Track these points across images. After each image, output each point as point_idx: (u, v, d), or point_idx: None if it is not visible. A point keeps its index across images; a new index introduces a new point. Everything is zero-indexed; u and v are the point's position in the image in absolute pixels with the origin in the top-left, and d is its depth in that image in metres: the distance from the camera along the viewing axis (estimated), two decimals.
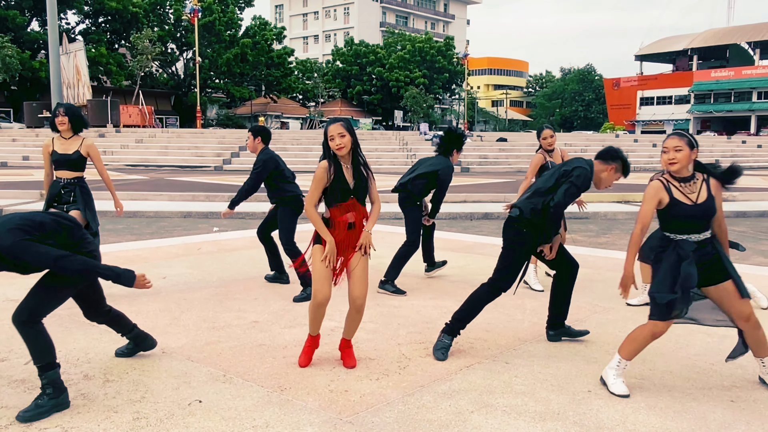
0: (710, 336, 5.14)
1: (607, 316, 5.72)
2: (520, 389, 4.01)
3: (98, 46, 49.70)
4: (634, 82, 79.79)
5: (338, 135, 3.97)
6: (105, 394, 3.85)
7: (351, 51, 69.80)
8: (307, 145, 30.77)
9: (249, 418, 3.54)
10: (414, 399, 3.84)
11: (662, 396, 3.93)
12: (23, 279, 6.82)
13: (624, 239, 10.51)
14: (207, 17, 53.29)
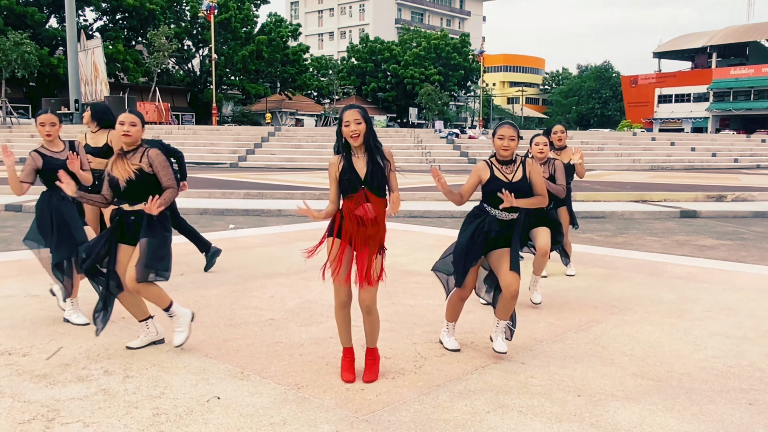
0: (728, 338, 5.13)
1: (623, 317, 5.70)
2: (536, 390, 4.02)
3: (115, 43, 50.03)
4: (652, 79, 79.13)
5: (354, 121, 3.84)
6: (125, 390, 3.91)
7: (366, 48, 69.73)
8: (321, 143, 30.70)
9: (267, 416, 3.58)
10: (430, 398, 3.86)
11: (679, 398, 3.92)
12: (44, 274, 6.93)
13: (641, 239, 10.48)
14: (223, 14, 53.46)
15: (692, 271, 7.61)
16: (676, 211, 13.60)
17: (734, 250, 9.52)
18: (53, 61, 46.46)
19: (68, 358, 4.45)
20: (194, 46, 57.64)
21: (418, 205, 13.69)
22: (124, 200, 4.44)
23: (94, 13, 51.84)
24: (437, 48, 69.06)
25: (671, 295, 6.46)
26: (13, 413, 3.58)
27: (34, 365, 4.31)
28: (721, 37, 75.23)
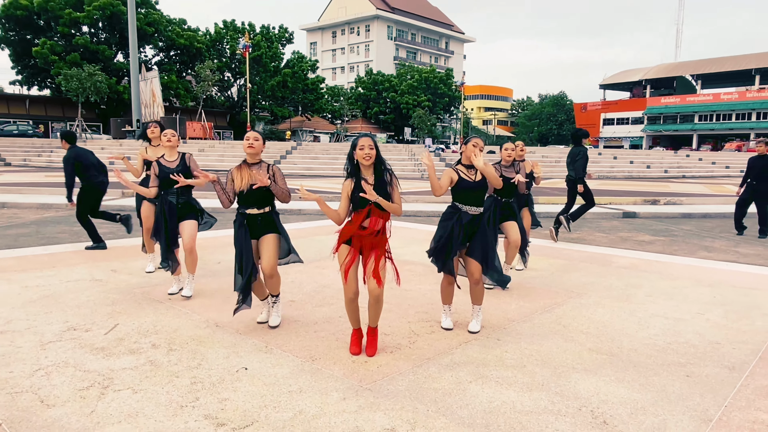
0: (667, 318, 4.96)
1: (580, 301, 5.53)
2: (510, 363, 3.86)
3: (170, 74, 49.74)
4: (599, 106, 78.85)
5: (368, 146, 3.73)
6: (168, 361, 3.75)
7: (370, 80, 69.44)
8: (334, 155, 30.58)
9: (286, 384, 3.43)
10: (422, 370, 3.71)
11: (629, 371, 3.76)
12: (107, 261, 6.77)
13: (592, 235, 10.33)
14: (256, 52, 53.22)
15: (634, 262, 7.45)
16: (619, 212, 13.44)
17: (667, 245, 9.37)
18: (119, 88, 46.23)
19: (122, 334, 4.29)
20: (233, 77, 57.35)
21: (412, 206, 13.50)
22: (248, 204, 4.32)
23: (152, 50, 51.61)
24: (427, 80, 68.81)
25: (618, 282, 6.30)
26: (74, 381, 3.43)
27: (94, 339, 4.15)
28: (654, 72, 75.03)
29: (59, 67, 43.39)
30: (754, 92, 65.50)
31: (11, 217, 11.06)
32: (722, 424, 3.08)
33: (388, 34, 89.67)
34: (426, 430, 2.93)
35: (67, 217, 11.28)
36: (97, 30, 47.79)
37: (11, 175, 21.05)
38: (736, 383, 3.61)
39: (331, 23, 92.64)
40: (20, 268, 6.37)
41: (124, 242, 8.14)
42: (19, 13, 45.15)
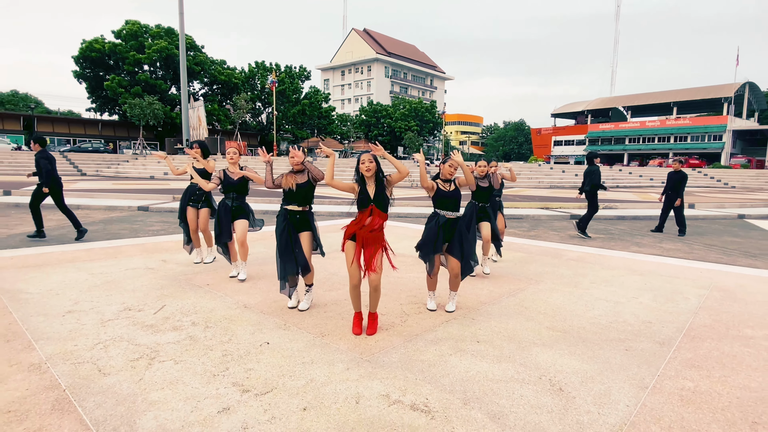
0: (608, 302, 4.84)
1: (538, 287, 5.40)
2: (482, 338, 3.73)
3: (213, 104, 49.30)
4: (550, 130, 78.66)
5: (368, 161, 3.74)
6: (205, 337, 3.62)
7: (371, 109, 69.10)
8: (342, 168, 30.45)
9: (300, 357, 3.30)
10: (411, 344, 3.58)
11: (579, 345, 3.64)
12: (159, 253, 6.61)
13: (546, 233, 10.20)
14: (281, 86, 52.95)
15: (581, 255, 7.34)
16: (567, 215, 13.31)
17: (606, 241, 9.25)
18: (173, 114, 45.81)
19: (168, 313, 4.14)
20: (263, 106, 56.93)
21: (403, 209, 13.35)
22: (291, 202, 4.27)
23: (199, 84, 51.17)
24: (416, 109, 68.55)
25: (568, 272, 6.17)
26: (127, 353, 3.29)
27: (144, 318, 4.01)
28: (594, 104, 74.87)
29: (125, 97, 43.06)
30: (672, 120, 65.46)
31: (84, 216, 10.88)
32: (656, 390, 2.97)
33: (386, 73, 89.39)
34: (414, 395, 2.81)
35: (128, 216, 11.12)
36: (155, 68, 47.33)
37: (85, 183, 20.83)
38: (666, 356, 3.50)
39: (340, 64, 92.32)
40: (88, 258, 6.22)
41: (174, 238, 7.99)
42: (94, 55, 44.78)
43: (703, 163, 54.45)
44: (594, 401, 2.80)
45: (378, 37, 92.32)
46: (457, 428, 2.49)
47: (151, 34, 46.76)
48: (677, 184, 9.93)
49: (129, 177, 26.75)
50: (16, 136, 46.09)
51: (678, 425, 2.58)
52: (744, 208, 16.21)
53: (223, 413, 2.57)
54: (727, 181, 35.05)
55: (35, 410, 2.56)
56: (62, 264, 5.86)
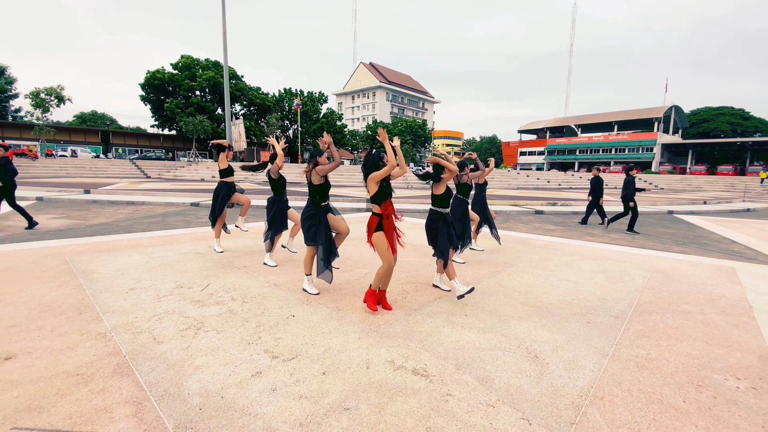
0: (569, 281, 4.67)
1: (512, 269, 5.23)
2: (469, 313, 3.57)
3: (250, 121, 48.95)
4: (517, 143, 78.06)
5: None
6: (242, 310, 3.45)
7: (375, 126, 68.78)
8: (353, 173, 30.18)
9: (320, 327, 3.14)
10: (411, 318, 3.42)
11: (548, 319, 3.47)
12: (206, 241, 6.43)
13: (516, 225, 9.98)
14: (304, 108, 52.57)
15: (545, 243, 7.15)
16: (532, 210, 13.11)
17: (565, 232, 9.06)
18: (219, 130, 45.48)
19: (212, 290, 3.98)
20: (289, 123, 56.59)
21: (400, 206, 13.17)
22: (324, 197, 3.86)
23: (239, 105, 50.82)
24: (411, 127, 68.08)
25: (536, 257, 5.99)
26: (178, 324, 3.13)
27: (192, 294, 3.85)
28: (551, 122, 74.19)
29: (181, 116, 42.77)
30: (613, 136, 64.87)
31: (147, 211, 10.72)
32: (615, 357, 2.80)
33: (387, 98, 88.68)
34: (415, 362, 2.65)
35: (183, 210, 10.94)
36: (204, 93, 46.93)
37: (149, 184, 20.64)
38: (620, 328, 3.33)
39: (351, 90, 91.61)
40: (149, 245, 6.06)
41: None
42: (156, 82, 44.43)
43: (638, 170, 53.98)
44: (565, 367, 2.64)
45: (381, 69, 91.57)
46: (452, 390, 2.33)
47: (201, 66, 46.32)
48: (596, 185, 10.36)
49: (184, 179, 26.54)
50: (95, 147, 45.86)
51: (636, 388, 2.42)
52: (672, 206, 15.97)
53: (256, 377, 2.41)
54: (657, 184, 34.73)
55: (100, 373, 2.41)
56: (127, 249, 5.71)
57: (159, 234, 6.98)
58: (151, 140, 51.55)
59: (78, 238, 6.38)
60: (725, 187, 33.29)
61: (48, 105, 34.86)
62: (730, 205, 17.60)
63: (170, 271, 4.64)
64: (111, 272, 4.51)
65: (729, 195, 24.06)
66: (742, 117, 64.62)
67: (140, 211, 10.48)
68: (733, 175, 48.49)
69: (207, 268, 4.82)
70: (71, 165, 29.73)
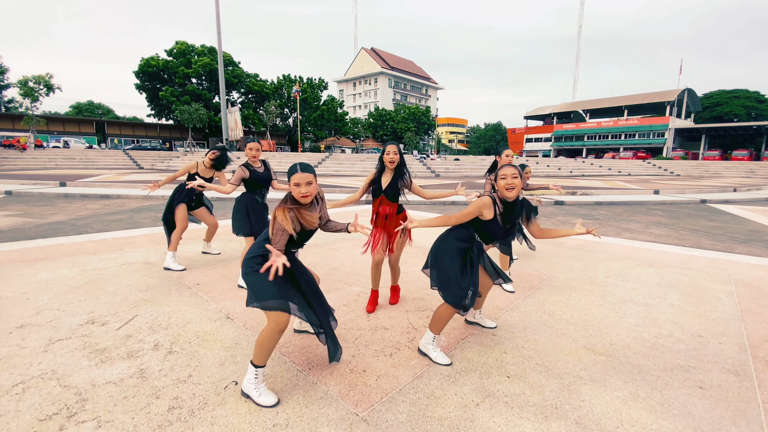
0: (635, 303, 3.42)
1: (552, 283, 3.96)
2: (512, 370, 2.28)
3: (248, 110, 47.44)
4: (523, 130, 76.03)
5: (393, 152, 2.99)
6: (159, 371, 2.23)
7: (377, 114, 66.70)
8: (354, 162, 28.85)
9: (272, 414, 1.90)
10: (422, 384, 2.15)
11: (637, 381, 2.22)
12: (165, 245, 5.21)
13: (539, 221, 8.67)
14: (304, 95, 50.92)
15: (579, 243, 5.89)
16: (551, 201, 11.80)
17: (595, 227, 7.77)
18: (216, 119, 44.04)
19: (134, 328, 2.76)
20: (289, 111, 54.94)
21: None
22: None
23: (237, 93, 49.20)
24: (414, 114, 66.10)
25: (576, 263, 4.73)
26: (43, 405, 1.91)
27: (103, 336, 2.63)
28: (558, 108, 71.87)
29: (177, 105, 41.38)
30: (622, 121, 62.70)
31: (119, 205, 9.53)
32: None
33: (389, 84, 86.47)
34: None
35: (158, 205, 9.73)
36: (201, 80, 45.33)
37: (137, 175, 19.45)
38: (755, 397, 2.08)
39: (352, 77, 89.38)
40: (93, 251, 4.85)
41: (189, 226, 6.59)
42: (150, 69, 42.92)
43: (649, 155, 52.31)
44: None
45: (383, 55, 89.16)
46: None
47: (196, 52, 44.68)
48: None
49: (177, 169, 25.32)
50: (89, 138, 44.68)
51: None
52: (701, 193, 14.57)
53: None
54: (672, 170, 33.11)
55: None
56: (62, 258, 4.50)
57: (113, 236, 5.76)
58: (148, 130, 50.25)
59: (13, 243, 5.19)
60: (745, 173, 31.62)
61: (37, 94, 33.55)
62: (762, 192, 16.17)
63: (95, 293, 3.42)
64: (13, 295, 3.30)
65: (753, 181, 22.53)
66: (757, 100, 62.24)
67: (110, 206, 9.28)
68: (748, 160, 46.64)
69: (146, 287, 3.60)
70: (61, 156, 28.59)
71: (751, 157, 49.12)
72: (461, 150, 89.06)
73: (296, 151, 48.45)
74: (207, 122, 41.20)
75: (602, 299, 3.52)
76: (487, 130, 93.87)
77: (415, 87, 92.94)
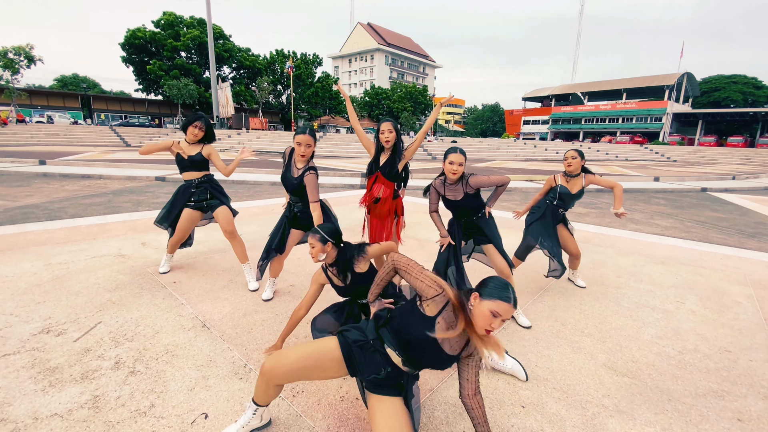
0: (653, 309, 3.14)
1: (561, 284, 3.67)
2: (527, 397, 1.99)
3: (240, 86, 45.91)
4: (521, 112, 74.99)
5: (388, 130, 2.77)
6: (117, 398, 1.89)
7: (373, 92, 65.11)
8: (348, 142, 28.16)
9: None
10: (423, 416, 1.87)
11: (668, 410, 1.94)
12: (144, 233, 4.81)
13: None
14: (297, 71, 49.31)
15: (584, 236, 5.59)
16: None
17: (599, 217, 7.49)
18: (207, 95, 42.58)
19: (94, 340, 2.42)
20: (283, 88, 53.32)
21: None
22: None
23: (228, 68, 47.43)
24: (410, 93, 64.63)
25: (584, 259, 4.42)
26: None
27: (55, 352, 2.28)
28: (557, 90, 70.74)
29: (165, 79, 39.87)
30: (620, 104, 62.00)
31: (100, 186, 9.03)
32: None
33: (386, 61, 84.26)
34: None
35: (142, 187, 9.25)
36: (191, 54, 43.56)
37: (123, 153, 18.73)
38: None
39: (348, 53, 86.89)
40: (63, 240, 4.45)
41: None
42: (137, 42, 41.07)
43: (645, 140, 52.07)
44: None
45: (380, 30, 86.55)
46: None
47: (185, 24, 42.77)
48: None
49: None
50: (75, 113, 43.14)
51: None
52: (701, 181, 14.35)
53: None
54: (669, 156, 32.91)
55: None
56: (28, 248, 4.10)
57: (87, 222, 5.34)
58: (136, 105, 48.63)
59: None
60: (741, 159, 31.51)
61: (17, 66, 32.00)
62: (761, 180, 16.01)
63: (56, 292, 3.06)
64: None
65: (750, 168, 22.40)
66: (755, 86, 61.74)
67: (90, 188, 8.78)
68: (743, 147, 46.62)
69: (115, 286, 3.24)
70: (44, 132, 27.51)
71: (746, 143, 49.08)
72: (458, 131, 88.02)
73: (289, 129, 47.30)
74: (197, 98, 39.91)
75: (617, 304, 3.24)
76: (485, 111, 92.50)
77: (413, 65, 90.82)
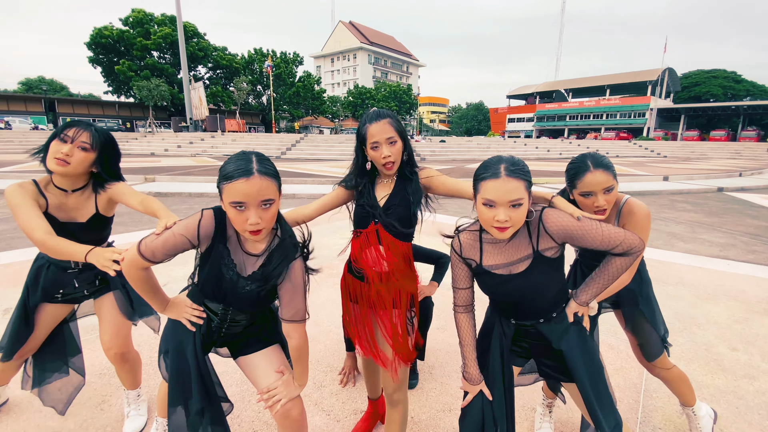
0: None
1: None
2: None
3: (216, 86, 43.87)
4: (506, 110, 74.66)
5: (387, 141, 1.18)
6: None
7: (357, 92, 63.66)
8: (332, 143, 26.68)
9: None
10: None
11: None
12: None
13: None
14: (277, 71, 47.50)
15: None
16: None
17: None
18: (180, 96, 40.44)
19: None
20: (263, 89, 51.43)
21: None
22: None
23: (203, 68, 45.24)
24: (395, 92, 63.50)
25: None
26: None
27: None
28: (541, 87, 70.66)
29: (135, 81, 37.61)
30: (604, 101, 62.20)
31: None
32: None
33: (369, 60, 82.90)
34: None
35: None
36: (163, 53, 41.34)
37: None
38: None
39: (330, 52, 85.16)
40: None
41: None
42: (104, 41, 38.64)
43: (630, 136, 52.18)
44: None
45: (362, 29, 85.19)
46: None
47: (156, 22, 40.56)
48: None
49: (131, 153, 22.68)
50: (38, 118, 40.41)
51: None
52: (711, 179, 13.48)
53: None
54: (659, 152, 32.52)
55: None
56: None
57: None
58: (105, 108, 45.99)
59: None
60: (731, 153, 31.34)
61: None
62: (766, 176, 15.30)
63: None
64: None
65: (744, 163, 21.89)
66: (734, 80, 62.80)
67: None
68: (725, 141, 47.06)
69: None
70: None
71: (728, 137, 49.62)
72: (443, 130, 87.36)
73: (270, 131, 45.45)
74: (170, 100, 37.80)
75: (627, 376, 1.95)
76: (469, 109, 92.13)
77: (396, 64, 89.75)
